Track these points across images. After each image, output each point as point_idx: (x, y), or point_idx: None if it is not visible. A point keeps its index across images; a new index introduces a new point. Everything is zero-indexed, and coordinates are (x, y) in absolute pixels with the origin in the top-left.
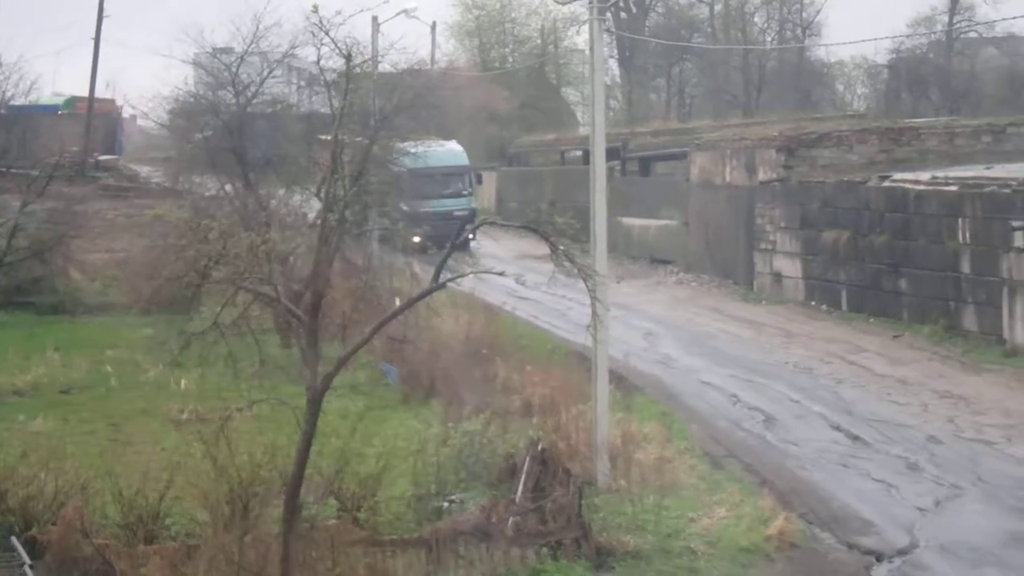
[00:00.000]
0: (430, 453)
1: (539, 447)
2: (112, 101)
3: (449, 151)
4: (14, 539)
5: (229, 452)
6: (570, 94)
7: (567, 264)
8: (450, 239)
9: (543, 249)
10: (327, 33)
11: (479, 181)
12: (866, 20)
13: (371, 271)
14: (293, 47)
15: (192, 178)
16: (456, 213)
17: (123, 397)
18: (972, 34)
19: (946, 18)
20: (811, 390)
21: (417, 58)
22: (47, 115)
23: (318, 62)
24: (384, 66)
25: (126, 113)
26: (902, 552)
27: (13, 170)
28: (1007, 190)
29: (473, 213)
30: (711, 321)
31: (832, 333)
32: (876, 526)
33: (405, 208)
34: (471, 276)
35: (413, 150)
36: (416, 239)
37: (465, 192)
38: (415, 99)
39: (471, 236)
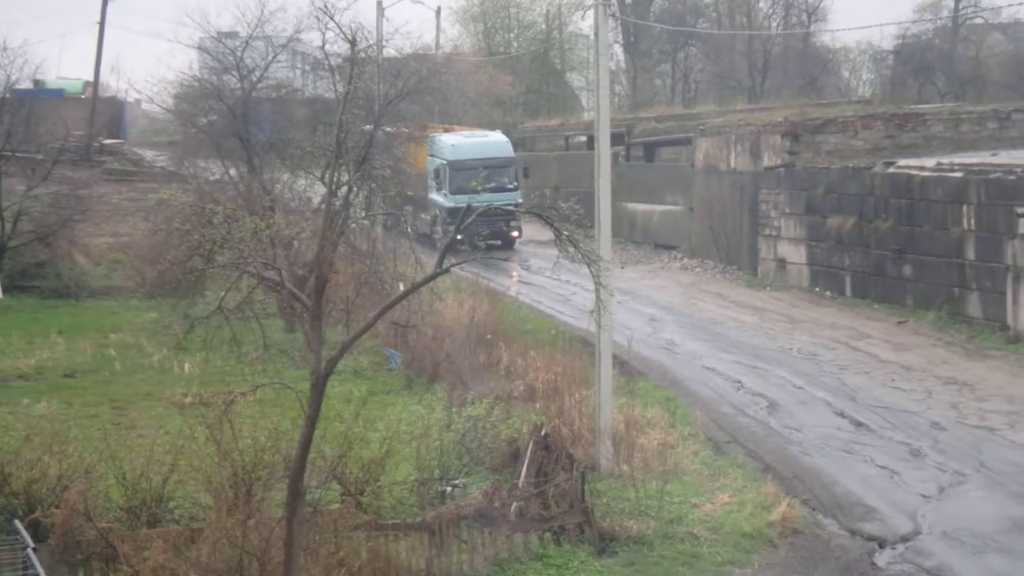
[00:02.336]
0: (433, 438)
1: (542, 432)
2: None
3: (493, 142)
4: (17, 522)
5: (232, 436)
6: (575, 79)
7: (571, 249)
8: (495, 236)
9: (547, 234)
10: (332, 18)
11: (526, 175)
12: (872, 5)
13: (375, 256)
14: (298, 32)
15: (196, 162)
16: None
17: (127, 381)
18: (978, 20)
19: (952, 3)
20: (815, 376)
21: (422, 43)
22: (53, 99)
23: (323, 47)
24: (389, 51)
25: (130, 97)
26: (905, 538)
27: (18, 154)
28: (1012, 177)
29: (518, 208)
30: (715, 307)
31: (836, 319)
32: (879, 512)
33: (447, 202)
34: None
35: (454, 141)
36: (458, 236)
37: (510, 186)
38: (419, 84)
39: (515, 233)
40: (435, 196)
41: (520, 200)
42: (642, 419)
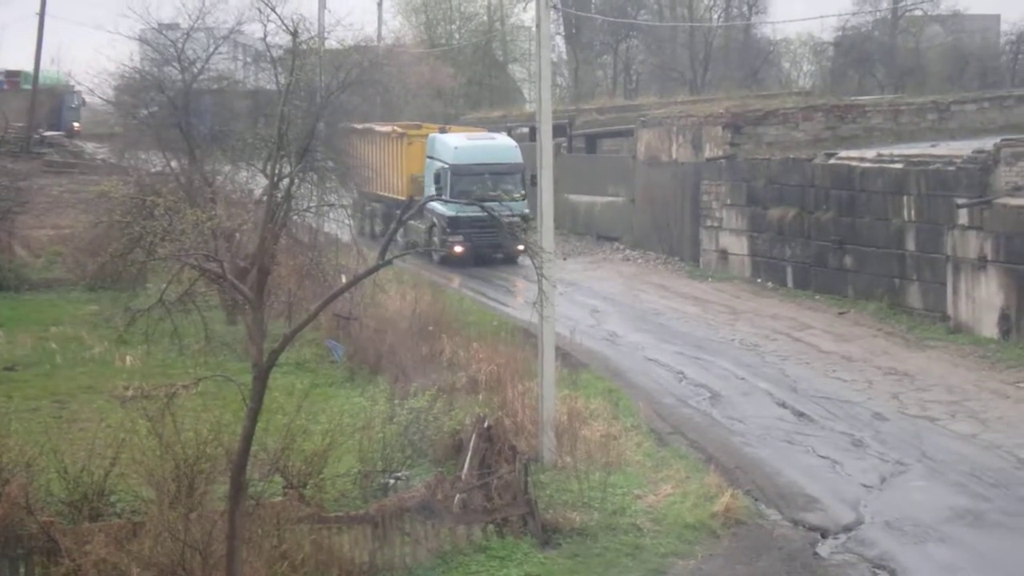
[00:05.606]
0: (376, 430)
1: (485, 424)
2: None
3: (500, 145)
4: None
5: (174, 429)
6: (517, 71)
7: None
8: (497, 248)
9: None
10: (273, 9)
11: (534, 183)
12: None
13: (317, 248)
14: (239, 23)
15: (138, 154)
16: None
17: (68, 374)
18: (917, 12)
19: None
20: (757, 367)
21: (363, 35)
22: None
23: (264, 38)
24: (330, 43)
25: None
26: (847, 528)
27: None
28: (952, 168)
29: (525, 220)
30: (657, 298)
31: (778, 310)
32: (821, 503)
33: (447, 210)
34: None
35: (457, 143)
36: (458, 248)
37: (516, 195)
38: (361, 76)
39: (521, 247)
40: (432, 203)
41: (527, 211)
42: (585, 410)
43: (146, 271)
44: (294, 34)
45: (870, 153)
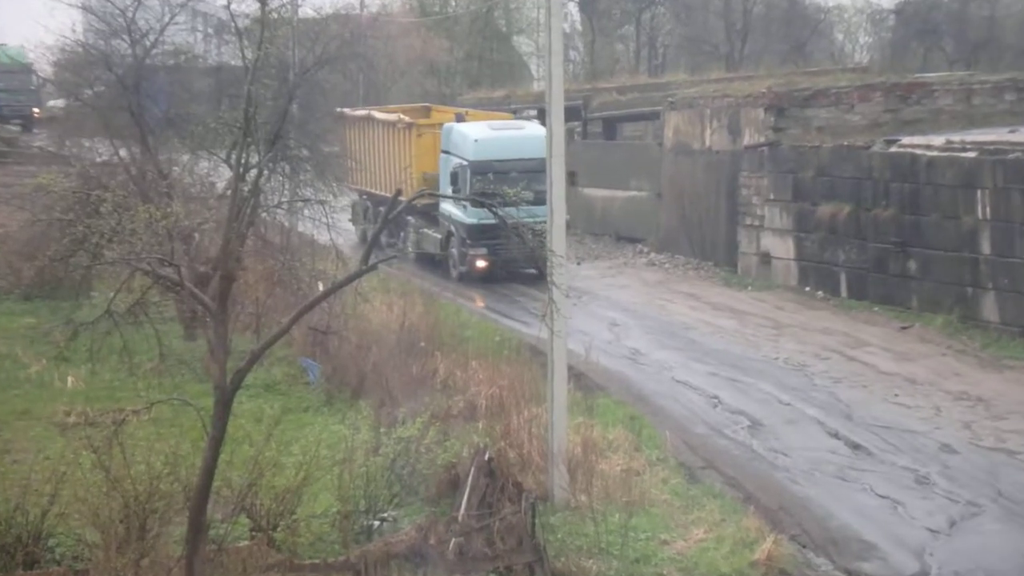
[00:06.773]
0: (358, 463)
1: (486, 456)
2: None
3: (529, 137)
4: None
5: (124, 461)
6: (523, 44)
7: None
8: (525, 261)
9: None
10: None
11: (573, 182)
12: None
13: (290, 251)
14: None
15: (81, 141)
16: (537, 226)
17: (0, 397)
18: None
19: None
20: (804, 391)
21: (344, 1)
22: None
23: (228, 6)
24: (305, 11)
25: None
26: None
27: None
28: None
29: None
30: (687, 309)
31: (829, 324)
32: (880, 550)
33: (466, 217)
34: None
35: (478, 135)
36: (480, 263)
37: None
38: (341, 49)
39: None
40: (449, 207)
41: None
42: (602, 441)
43: (91, 278)
44: (263, 0)
45: (937, 140)
